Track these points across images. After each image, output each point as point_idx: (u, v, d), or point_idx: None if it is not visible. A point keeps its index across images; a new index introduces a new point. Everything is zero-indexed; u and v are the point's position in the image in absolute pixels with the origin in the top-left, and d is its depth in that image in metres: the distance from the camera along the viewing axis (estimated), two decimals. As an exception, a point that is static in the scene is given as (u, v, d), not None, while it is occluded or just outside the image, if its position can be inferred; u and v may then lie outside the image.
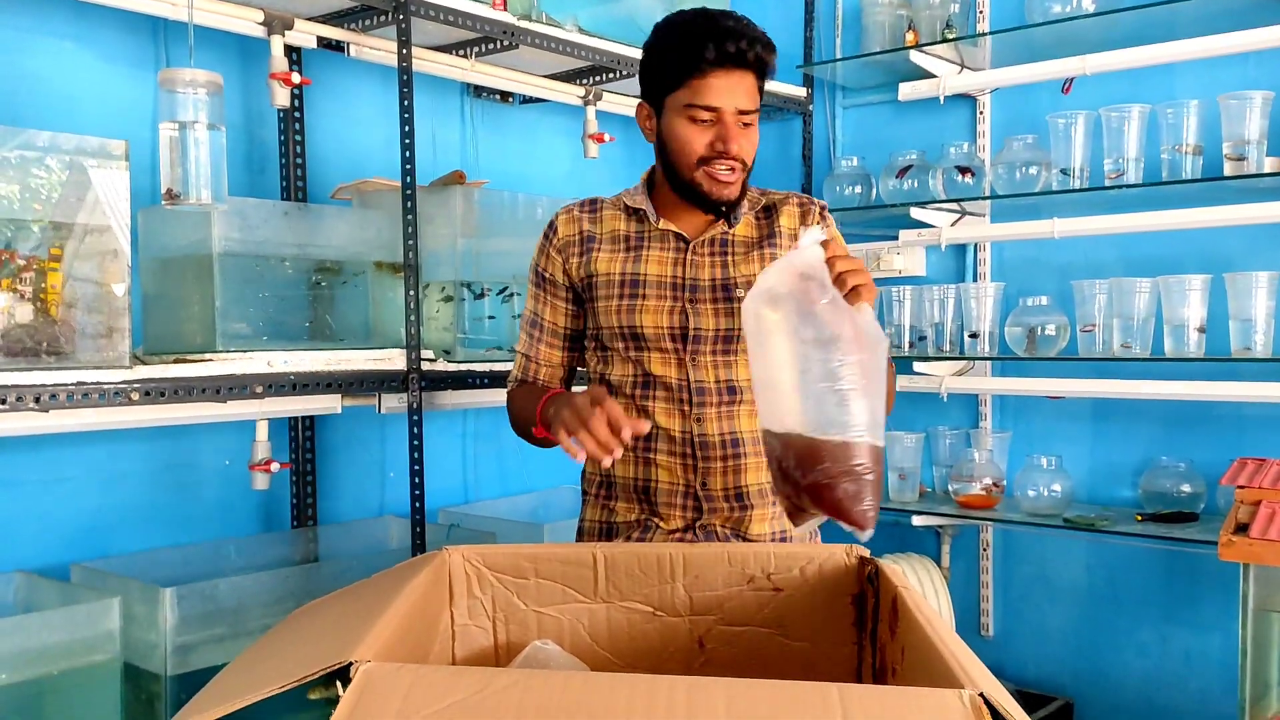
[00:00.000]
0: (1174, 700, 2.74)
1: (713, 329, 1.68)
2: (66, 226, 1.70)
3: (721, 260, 1.69)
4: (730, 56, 1.56)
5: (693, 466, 1.69)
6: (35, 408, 1.62)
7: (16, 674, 1.67)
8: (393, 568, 1.69)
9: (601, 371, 1.75)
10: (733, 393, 1.70)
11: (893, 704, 1.05)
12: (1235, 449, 2.47)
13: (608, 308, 1.69)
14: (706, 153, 1.60)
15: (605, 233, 1.72)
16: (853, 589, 1.58)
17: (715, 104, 1.57)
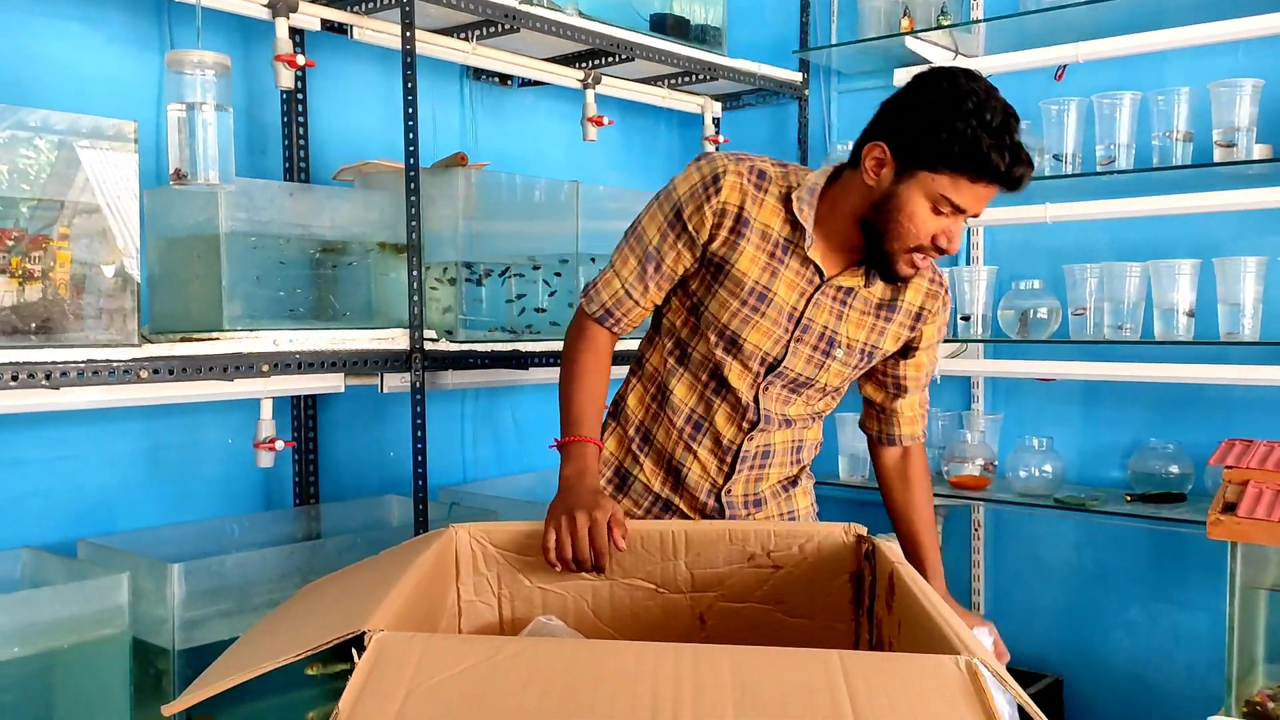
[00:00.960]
0: (1161, 677, 2.79)
1: (797, 372, 1.69)
2: (74, 205, 1.72)
3: (840, 311, 1.66)
4: (1004, 177, 1.48)
5: (726, 472, 1.74)
6: (46, 384, 1.65)
7: (27, 647, 1.70)
8: (400, 545, 1.71)
9: (680, 334, 1.72)
10: (788, 424, 1.75)
11: (892, 669, 1.09)
12: (1223, 431, 2.51)
13: (727, 304, 1.63)
14: (925, 242, 1.54)
15: (760, 223, 1.62)
16: (850, 566, 1.62)
17: (966, 208, 1.51)
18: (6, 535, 2.05)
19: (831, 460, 3.11)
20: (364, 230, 2.24)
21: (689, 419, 1.72)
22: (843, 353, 1.68)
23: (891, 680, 1.06)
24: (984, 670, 1.06)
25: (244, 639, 1.41)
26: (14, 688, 1.70)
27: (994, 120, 1.48)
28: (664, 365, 1.74)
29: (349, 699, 1.05)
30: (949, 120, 1.48)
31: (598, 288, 1.70)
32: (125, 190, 1.72)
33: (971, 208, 1.52)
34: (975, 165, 1.47)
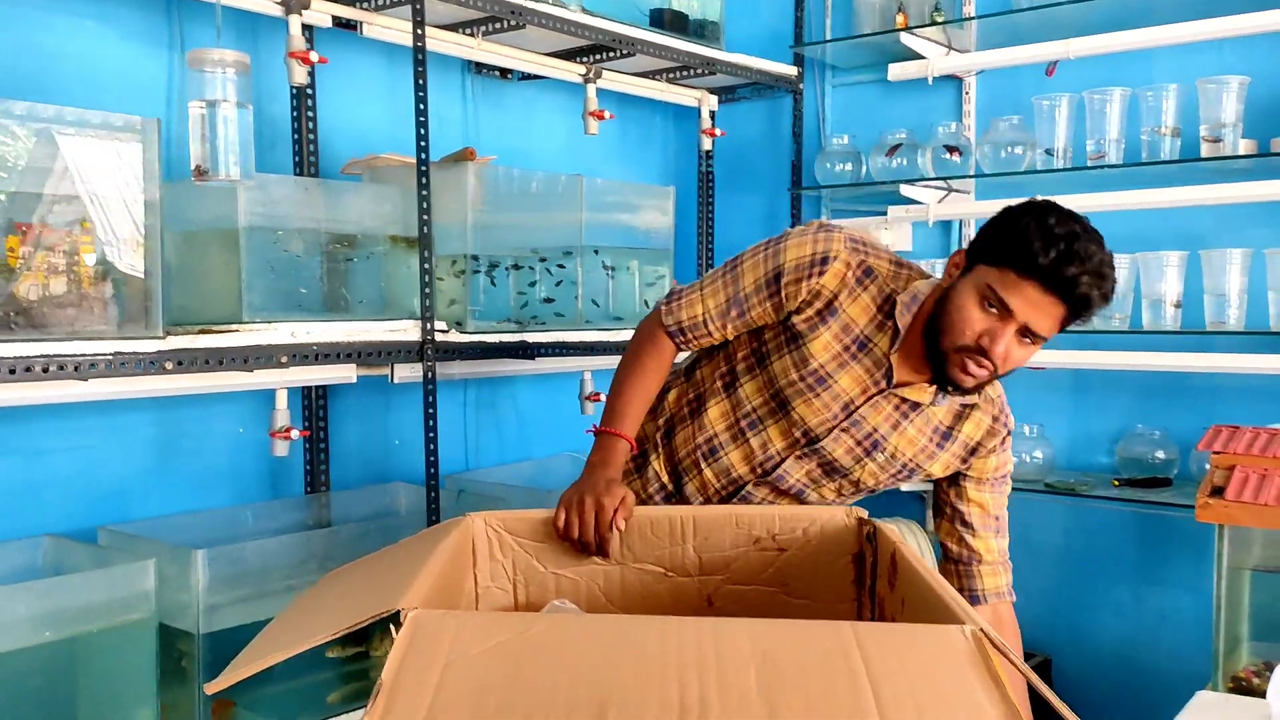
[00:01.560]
0: (1147, 657, 2.87)
1: (834, 458, 1.71)
2: (99, 199, 1.76)
3: (897, 422, 1.67)
4: (1059, 282, 1.44)
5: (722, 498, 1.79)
6: (75, 376, 1.69)
7: (58, 631, 1.74)
8: (421, 532, 1.77)
9: (740, 372, 1.73)
10: (799, 497, 1.76)
11: (903, 638, 1.15)
12: (1208, 418, 2.57)
13: (787, 372, 1.66)
14: (969, 342, 1.52)
15: (846, 315, 1.64)
16: (852, 548, 1.67)
17: (1011, 306, 1.48)
18: (27, 523, 2.09)
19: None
20: (375, 224, 2.29)
21: (709, 440, 1.76)
22: (884, 458, 1.69)
23: (903, 648, 1.11)
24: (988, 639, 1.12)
25: (279, 620, 1.45)
26: (44, 672, 1.75)
27: (1057, 227, 1.46)
28: (710, 382, 1.77)
29: (390, 671, 1.10)
30: (1014, 221, 1.49)
31: (681, 304, 1.72)
32: (134, 184, 1.75)
33: (1019, 310, 1.47)
34: (1020, 257, 1.45)
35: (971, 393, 1.64)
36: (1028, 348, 1.52)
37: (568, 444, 3.13)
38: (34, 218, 1.71)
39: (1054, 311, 1.48)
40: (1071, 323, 1.52)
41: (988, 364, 1.52)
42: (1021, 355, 1.53)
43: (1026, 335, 1.50)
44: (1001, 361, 1.52)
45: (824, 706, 1.01)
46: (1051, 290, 1.46)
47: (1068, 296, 1.46)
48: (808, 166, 3.30)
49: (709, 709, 1.00)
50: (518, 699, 1.03)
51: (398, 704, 1.04)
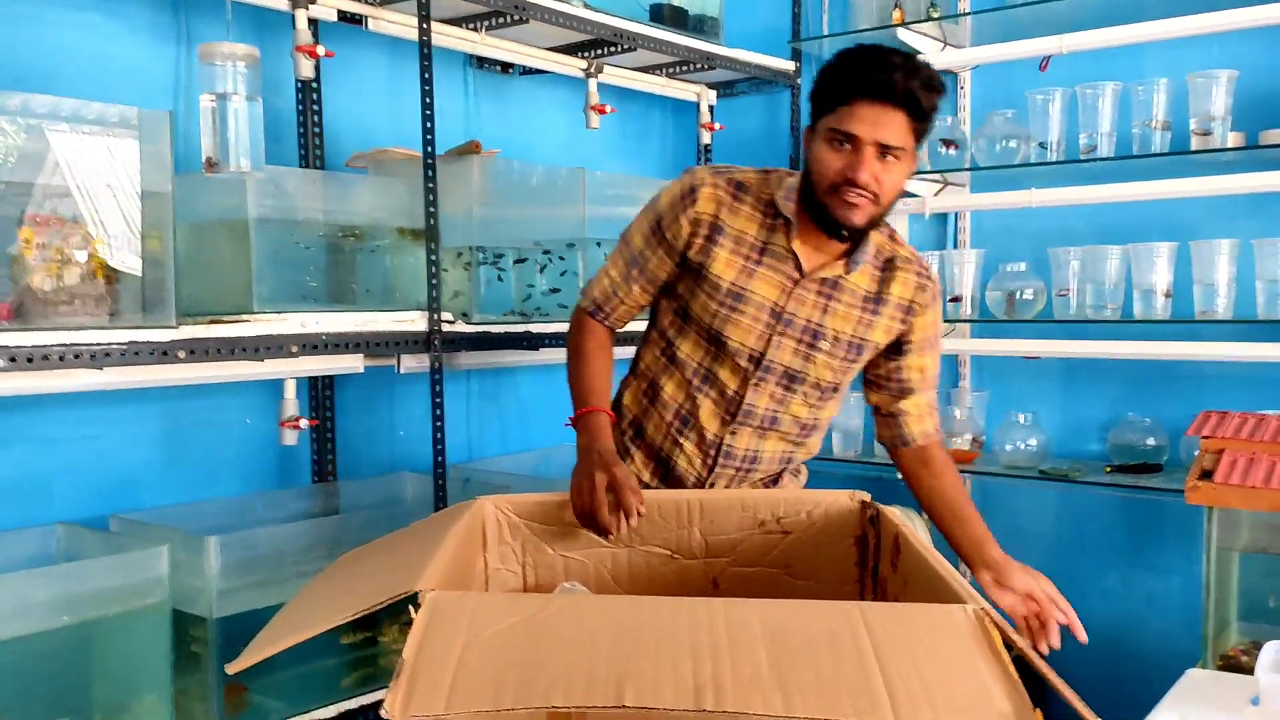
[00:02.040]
0: (1136, 639, 2.92)
1: (785, 365, 1.74)
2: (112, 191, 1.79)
3: (825, 304, 1.72)
4: (877, 89, 1.53)
5: (710, 465, 1.81)
6: (90, 364, 1.72)
7: (74, 616, 1.77)
8: (432, 515, 1.80)
9: (670, 335, 1.80)
10: (774, 422, 1.79)
11: (908, 617, 1.18)
12: (1197, 405, 2.62)
13: (706, 305, 1.72)
14: (837, 179, 1.58)
15: (735, 230, 1.71)
16: (855, 531, 1.71)
17: (854, 131, 1.55)
18: (41, 511, 2.12)
19: (825, 437, 3.20)
20: (382, 216, 2.32)
21: (676, 413, 1.81)
22: (828, 344, 1.74)
23: (908, 626, 1.15)
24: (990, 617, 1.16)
25: (294, 603, 1.48)
26: (61, 655, 1.78)
27: (858, 53, 1.57)
28: (656, 364, 1.83)
29: (411, 649, 1.13)
30: (822, 72, 1.61)
31: (591, 285, 1.84)
32: (131, 177, 1.78)
33: (860, 131, 1.55)
34: (840, 89, 1.56)
35: (869, 228, 1.67)
36: (895, 165, 1.59)
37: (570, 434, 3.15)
38: (47, 210, 1.74)
39: (893, 119, 1.55)
40: (924, 125, 1.59)
41: (862, 191, 1.58)
42: (893, 174, 1.60)
43: (886, 154, 1.57)
44: (875, 183, 1.58)
45: (833, 683, 1.04)
46: (878, 99, 1.54)
47: (894, 98, 1.54)
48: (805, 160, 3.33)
49: (722, 686, 1.04)
50: (537, 677, 1.06)
51: (420, 682, 1.06)
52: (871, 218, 1.63)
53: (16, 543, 2.00)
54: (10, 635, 1.69)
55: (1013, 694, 1.03)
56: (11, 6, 2.10)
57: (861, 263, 1.72)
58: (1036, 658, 1.12)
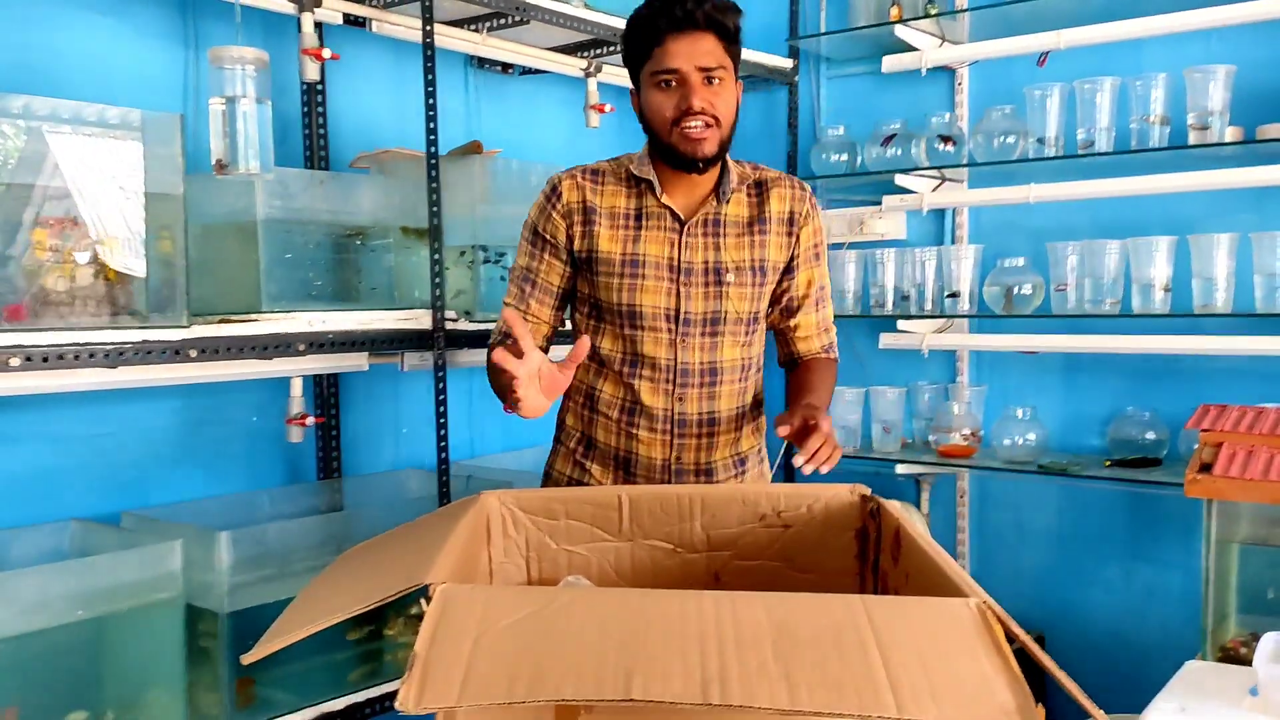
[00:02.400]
0: (1137, 632, 2.94)
1: (701, 312, 1.79)
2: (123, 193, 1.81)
3: (715, 242, 1.79)
4: (680, 20, 1.66)
5: (670, 442, 1.82)
6: (104, 363, 1.74)
7: (89, 611, 1.80)
8: (438, 510, 1.82)
9: (594, 342, 1.84)
10: (714, 374, 1.82)
11: (911, 610, 1.20)
12: (1197, 399, 2.63)
13: (609, 284, 1.78)
14: (675, 114, 1.69)
15: (606, 207, 1.79)
16: (856, 524, 1.73)
17: (675, 66, 1.67)
18: (53, 508, 2.14)
19: (825, 432, 3.23)
20: (386, 215, 2.34)
21: (620, 408, 1.83)
22: (733, 276, 1.79)
23: (911, 619, 1.17)
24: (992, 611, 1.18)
25: (304, 595, 1.50)
26: (76, 649, 1.81)
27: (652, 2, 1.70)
28: (586, 374, 1.86)
29: (423, 642, 1.15)
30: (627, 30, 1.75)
31: (497, 325, 1.87)
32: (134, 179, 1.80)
33: (679, 64, 1.67)
34: (649, 35, 1.68)
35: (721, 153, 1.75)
36: (721, 87, 1.70)
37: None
38: (60, 212, 1.76)
39: (704, 43, 1.67)
40: (735, 46, 1.72)
41: (700, 116, 1.68)
42: (723, 96, 1.70)
43: (710, 79, 1.69)
44: (710, 108, 1.69)
45: (837, 675, 1.06)
46: (684, 29, 1.67)
47: (698, 24, 1.66)
48: (803, 157, 3.36)
49: (729, 679, 1.06)
50: (548, 668, 1.08)
51: (433, 675, 1.09)
52: (720, 142, 1.72)
53: (31, 539, 2.02)
54: (26, 630, 1.72)
55: (1015, 687, 1.05)
56: (23, 10, 2.13)
57: (729, 193, 1.79)
58: (1038, 650, 1.14)
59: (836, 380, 1.93)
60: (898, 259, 3.08)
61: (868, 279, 3.14)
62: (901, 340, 3.13)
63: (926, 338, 3.09)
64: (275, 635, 1.35)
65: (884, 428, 3.12)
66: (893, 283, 3.10)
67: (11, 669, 1.73)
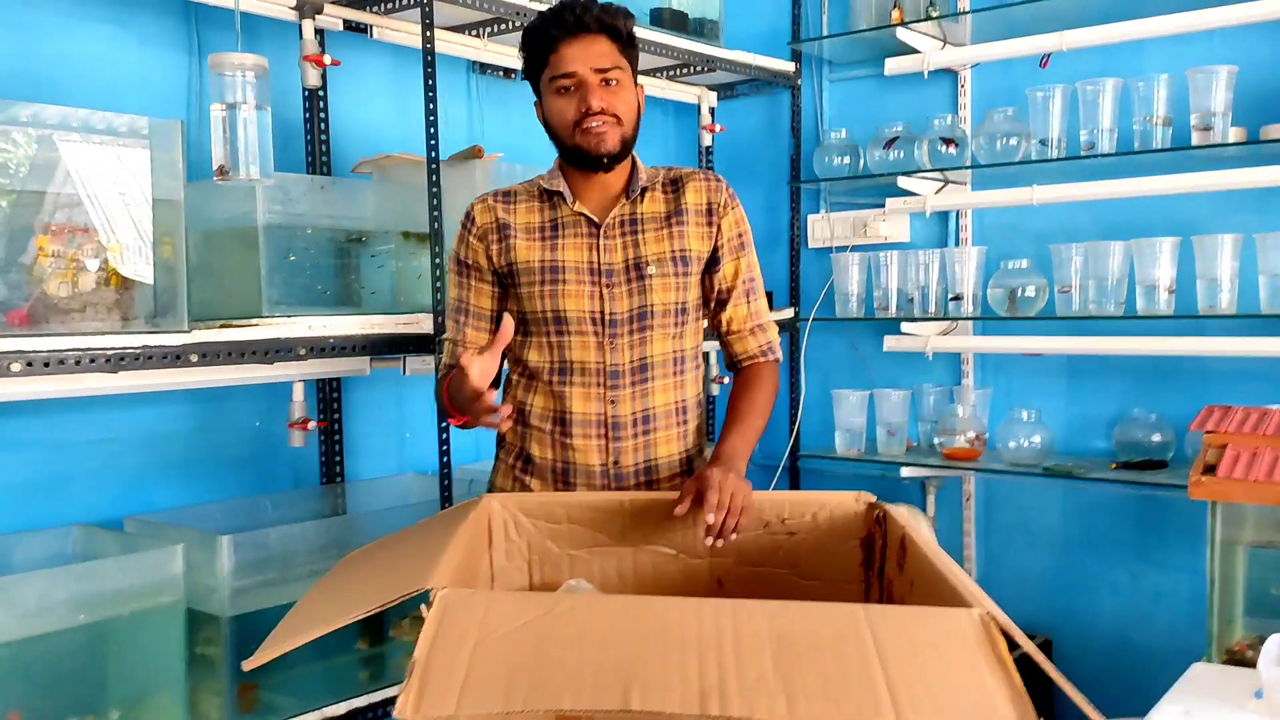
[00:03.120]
0: (1144, 635, 2.93)
1: (627, 310, 1.79)
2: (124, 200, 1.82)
3: (633, 240, 1.80)
4: (572, 25, 1.70)
5: (606, 447, 1.81)
6: (106, 368, 1.75)
7: (91, 615, 1.80)
8: (440, 513, 1.82)
9: (519, 355, 1.85)
10: (644, 370, 1.81)
11: (913, 620, 1.19)
12: (1202, 400, 2.63)
13: (531, 293, 1.79)
14: (576, 115, 1.72)
15: (520, 223, 1.82)
16: (861, 532, 1.72)
17: (571, 70, 1.71)
18: (56, 513, 2.15)
19: (828, 435, 3.23)
20: (388, 220, 2.34)
21: (552, 419, 1.82)
22: (655, 268, 1.80)
23: (913, 630, 1.16)
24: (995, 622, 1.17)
25: (306, 600, 1.50)
26: (78, 653, 1.81)
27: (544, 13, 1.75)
28: (517, 391, 1.87)
29: (423, 648, 1.15)
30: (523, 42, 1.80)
31: (439, 359, 1.91)
32: (142, 185, 1.81)
33: (575, 67, 1.71)
34: (542, 44, 1.74)
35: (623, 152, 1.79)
36: (619, 87, 1.75)
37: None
38: (62, 218, 1.76)
39: (597, 45, 1.72)
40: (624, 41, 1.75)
41: (599, 115, 1.72)
42: (622, 96, 1.75)
43: (607, 80, 1.73)
44: (609, 107, 1.73)
45: (838, 686, 1.06)
46: (576, 34, 1.72)
47: (588, 28, 1.71)
48: (806, 160, 3.36)
49: (728, 690, 1.05)
50: (546, 678, 1.08)
51: (431, 683, 1.08)
52: (622, 139, 1.76)
53: (34, 544, 2.03)
54: (29, 634, 1.72)
55: (1016, 700, 1.04)
56: (27, 18, 2.14)
57: (639, 189, 1.82)
58: (1042, 657, 1.13)
59: (778, 385, 1.91)
60: (901, 261, 3.08)
61: (871, 282, 3.14)
62: (905, 343, 3.13)
63: (930, 340, 3.09)
64: (276, 641, 1.35)
65: (889, 430, 3.11)
66: (896, 285, 3.09)
67: (14, 674, 1.73)
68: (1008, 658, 1.11)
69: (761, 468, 3.47)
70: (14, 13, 2.12)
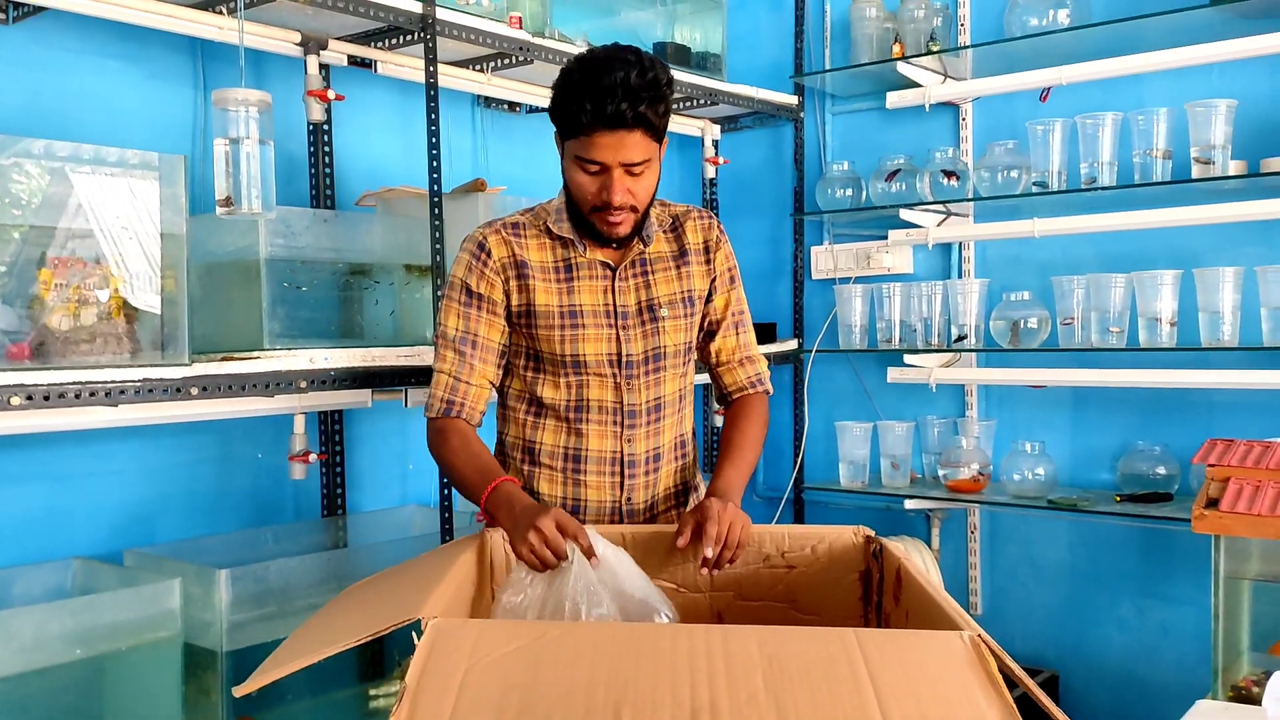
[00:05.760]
0: (1152, 670, 2.90)
1: (642, 351, 1.80)
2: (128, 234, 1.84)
3: (645, 282, 1.81)
4: (610, 119, 1.60)
5: (620, 484, 1.81)
6: (105, 402, 1.75)
7: (88, 650, 1.80)
8: (439, 547, 1.82)
9: (535, 391, 1.81)
10: (658, 410, 1.83)
11: (903, 642, 1.19)
12: (1206, 432, 2.62)
13: (550, 337, 1.76)
14: (596, 202, 1.68)
15: (535, 262, 1.77)
16: (859, 566, 1.72)
17: (598, 159, 1.64)
18: (56, 546, 2.15)
19: (832, 467, 3.22)
20: (390, 253, 2.36)
21: (565, 456, 1.81)
22: (667, 310, 1.81)
23: (904, 651, 1.16)
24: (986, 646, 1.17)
25: (303, 629, 1.50)
26: (74, 688, 1.81)
27: (579, 77, 1.63)
28: (524, 429, 1.84)
29: (414, 676, 1.15)
30: (555, 97, 1.68)
31: (430, 396, 1.79)
32: (152, 218, 1.83)
33: (605, 158, 1.64)
34: (575, 121, 1.63)
35: (633, 235, 1.77)
36: (643, 175, 1.69)
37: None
38: (65, 251, 1.78)
39: (631, 140, 1.63)
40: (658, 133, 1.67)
41: (619, 212, 1.69)
42: (644, 182, 1.70)
43: (632, 171, 1.67)
44: (628, 199, 1.68)
45: (828, 706, 1.06)
46: (613, 128, 1.62)
47: (627, 124, 1.61)
48: (809, 192, 3.37)
49: (719, 710, 1.05)
50: (537, 702, 1.08)
51: (422, 707, 1.09)
52: (635, 224, 1.74)
53: (32, 578, 2.03)
54: (25, 669, 1.72)
55: (1008, 718, 1.04)
56: (35, 54, 2.17)
57: (651, 235, 1.81)
58: (1036, 689, 1.13)
59: (768, 417, 1.91)
60: (904, 293, 3.08)
61: (874, 313, 3.14)
62: (909, 374, 3.12)
63: (934, 372, 3.08)
64: (268, 669, 1.35)
65: (893, 463, 3.10)
66: (899, 317, 3.10)
67: (10, 709, 1.73)
68: (998, 677, 1.11)
69: (765, 500, 3.46)
70: (23, 49, 2.15)
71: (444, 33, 2.29)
